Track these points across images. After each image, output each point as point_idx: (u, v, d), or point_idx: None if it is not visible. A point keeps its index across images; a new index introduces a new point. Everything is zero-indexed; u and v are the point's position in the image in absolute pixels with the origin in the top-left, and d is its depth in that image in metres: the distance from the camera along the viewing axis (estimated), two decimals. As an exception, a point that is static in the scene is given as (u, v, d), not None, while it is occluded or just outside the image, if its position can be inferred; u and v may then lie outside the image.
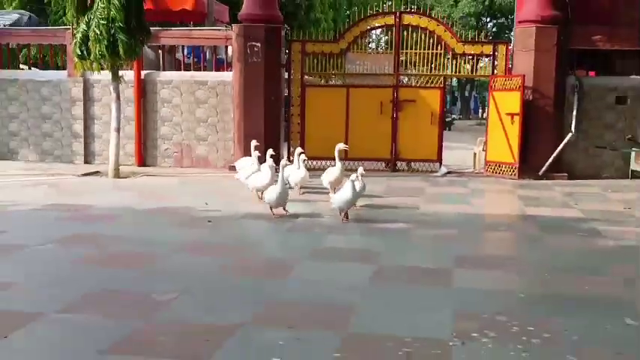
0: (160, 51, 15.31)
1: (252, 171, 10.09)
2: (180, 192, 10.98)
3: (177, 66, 15.32)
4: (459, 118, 44.71)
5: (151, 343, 4.50)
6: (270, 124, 13.56)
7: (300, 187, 10.67)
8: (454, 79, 52.07)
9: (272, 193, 8.56)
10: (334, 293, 5.60)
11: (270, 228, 8.21)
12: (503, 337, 4.62)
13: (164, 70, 14.93)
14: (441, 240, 7.70)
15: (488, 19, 46.21)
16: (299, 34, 15.60)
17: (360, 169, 8.66)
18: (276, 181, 8.72)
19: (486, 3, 42.12)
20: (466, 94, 50.47)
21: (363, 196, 9.07)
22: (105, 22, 11.69)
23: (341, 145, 10.24)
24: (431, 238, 7.83)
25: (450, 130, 31.84)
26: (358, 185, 8.46)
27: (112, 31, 11.74)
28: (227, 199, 10.22)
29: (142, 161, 14.20)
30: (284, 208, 8.72)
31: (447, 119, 33.80)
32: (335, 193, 9.10)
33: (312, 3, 25.31)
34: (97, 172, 12.96)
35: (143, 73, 14.23)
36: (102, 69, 12.33)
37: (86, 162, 14.33)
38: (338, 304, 5.32)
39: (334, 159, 13.90)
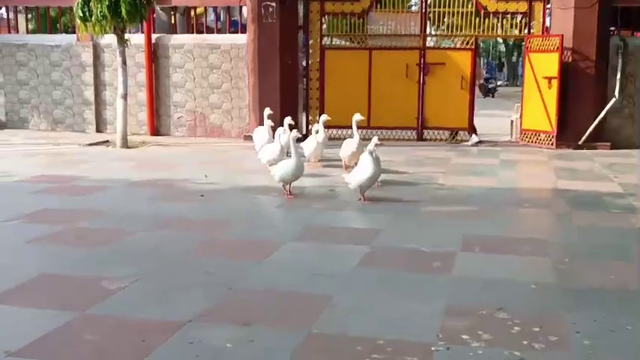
0: (172, 13, 14.52)
1: (265, 142, 9.29)
2: (184, 163, 10.27)
3: (191, 29, 14.51)
4: (506, 84, 42.98)
5: (71, 344, 3.78)
6: (287, 91, 12.73)
7: (318, 160, 9.79)
8: (501, 43, 50.55)
9: (282, 168, 7.49)
10: (311, 281, 4.79)
11: (268, 203, 7.40)
12: (499, 341, 3.76)
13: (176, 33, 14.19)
14: (453, 218, 6.80)
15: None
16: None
17: (375, 139, 7.49)
18: (289, 154, 7.91)
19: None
20: (513, 59, 48.51)
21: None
22: (107, -19, 10.95)
23: (357, 116, 9.29)
24: (443, 216, 6.93)
25: (493, 97, 30.44)
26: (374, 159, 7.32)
27: (115, -9, 11.00)
28: (232, 171, 9.49)
29: (155, 130, 13.55)
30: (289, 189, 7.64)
31: (490, 85, 32.33)
32: (351, 169, 8.19)
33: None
34: (105, 142, 12.36)
35: (154, 36, 13.52)
36: (106, 32, 11.61)
37: (98, 131, 13.75)
38: (311, 295, 4.52)
39: (356, 127, 13.17)
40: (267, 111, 10.05)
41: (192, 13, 14.44)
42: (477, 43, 13.09)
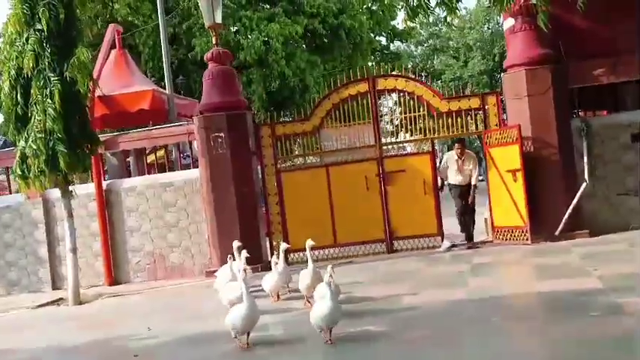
0: (129, 157, 14.22)
1: (227, 279, 8.61)
2: (133, 315, 9.52)
3: (145, 171, 14.15)
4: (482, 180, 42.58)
5: None
6: (246, 220, 12.18)
7: (279, 294, 9.01)
8: (476, 138, 50.87)
9: (231, 315, 6.42)
10: None
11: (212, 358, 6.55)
12: None
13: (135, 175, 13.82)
14: (403, 349, 5.99)
15: (502, 74, 44.99)
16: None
17: (329, 269, 6.55)
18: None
19: (496, 59, 40.94)
20: (492, 152, 48.62)
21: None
22: (42, 136, 10.57)
23: (309, 242, 8.58)
24: (393, 347, 6.12)
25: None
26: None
27: (51, 144, 10.60)
28: (181, 319, 8.72)
29: (113, 280, 12.83)
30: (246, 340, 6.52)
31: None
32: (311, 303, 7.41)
33: (305, 84, 24.34)
34: (58, 300, 11.62)
35: (105, 183, 13.10)
36: (46, 187, 11.19)
37: (55, 288, 13.00)
38: None
39: (323, 248, 12.55)
40: (236, 243, 9.33)
41: (149, 154, 14.14)
42: (434, 145, 12.67)
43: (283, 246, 9.29)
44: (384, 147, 12.72)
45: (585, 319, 6.22)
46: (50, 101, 10.42)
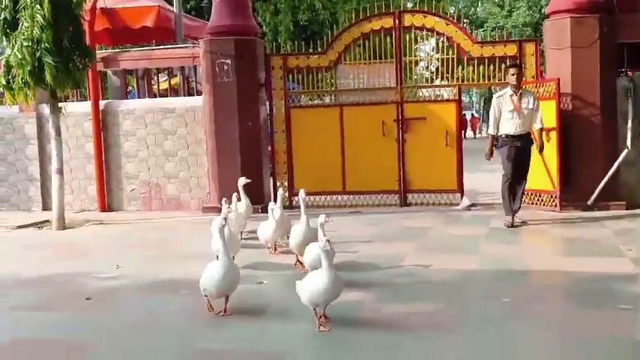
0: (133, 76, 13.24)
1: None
2: (110, 247, 8.70)
3: (152, 94, 13.18)
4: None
5: None
6: (250, 157, 11.21)
7: (275, 246, 7.85)
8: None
9: (206, 276, 5.26)
10: None
11: (167, 314, 5.60)
12: None
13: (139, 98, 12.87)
14: (397, 329, 5.01)
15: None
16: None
17: (322, 218, 5.61)
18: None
19: (543, 11, 38.76)
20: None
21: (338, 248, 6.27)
22: (28, 44, 9.60)
23: (302, 193, 7.22)
24: (385, 327, 5.15)
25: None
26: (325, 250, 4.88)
27: (38, 54, 9.63)
28: (158, 258, 7.86)
29: (106, 206, 12.04)
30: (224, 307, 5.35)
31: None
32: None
33: (336, 18, 22.94)
34: (43, 222, 10.86)
35: (102, 103, 12.17)
36: (32, 100, 10.30)
37: (45, 209, 12.20)
38: None
39: (330, 193, 11.57)
40: (242, 180, 8.51)
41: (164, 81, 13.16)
42: (461, 93, 11.46)
43: (281, 192, 8.32)
44: (406, 90, 11.50)
45: (610, 313, 5.17)
46: (39, 7, 9.41)
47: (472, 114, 50.91)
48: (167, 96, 13.88)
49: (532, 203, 10.71)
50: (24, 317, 5.59)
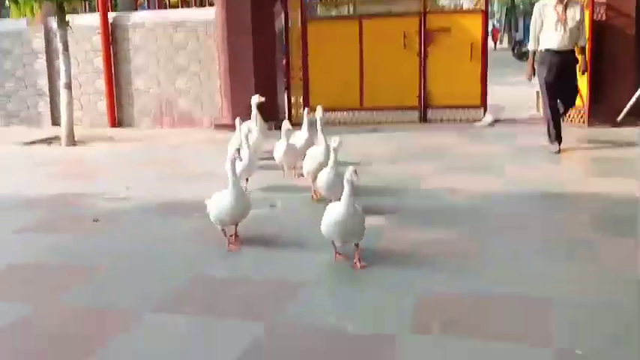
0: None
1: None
2: (120, 166, 8.44)
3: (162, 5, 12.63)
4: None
5: None
6: (264, 71, 10.78)
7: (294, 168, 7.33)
8: None
9: (215, 204, 4.87)
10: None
11: (176, 238, 5.30)
12: None
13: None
14: (414, 257, 4.73)
15: None
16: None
17: (336, 141, 5.14)
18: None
19: None
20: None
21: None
22: (33, -48, 9.09)
23: (319, 111, 6.73)
24: (401, 254, 4.87)
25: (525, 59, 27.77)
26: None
27: (45, -38, 9.13)
28: (169, 178, 7.59)
29: (116, 121, 11.75)
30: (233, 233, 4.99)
31: (524, 48, 29.51)
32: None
33: None
34: (53, 139, 10.61)
35: (111, 15, 11.66)
36: (37, 13, 9.89)
37: (55, 124, 11.94)
38: None
39: (347, 110, 11.16)
40: (256, 99, 7.98)
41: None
42: (488, 3, 10.81)
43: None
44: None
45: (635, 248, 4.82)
46: None
47: (493, 24, 49.34)
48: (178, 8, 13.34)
49: (559, 119, 10.25)
50: (28, 239, 5.38)
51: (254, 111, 7.98)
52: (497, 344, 3.33)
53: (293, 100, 11.18)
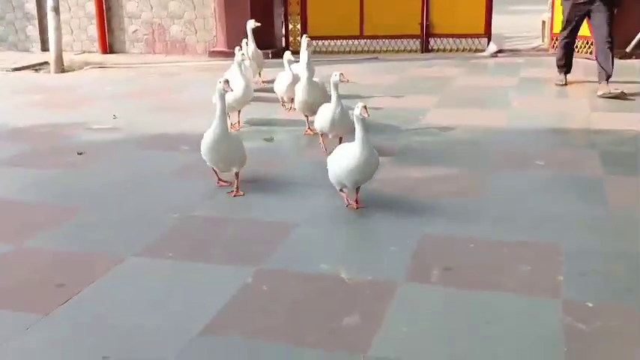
0: None
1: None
2: (107, 94, 8.11)
3: None
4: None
5: None
6: (259, -6, 10.27)
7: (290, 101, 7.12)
8: None
9: (205, 142, 4.44)
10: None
11: (159, 176, 4.98)
12: None
13: None
14: (416, 197, 4.49)
15: None
16: None
17: (336, 76, 4.79)
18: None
19: None
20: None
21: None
22: None
23: (305, 40, 6.36)
24: (401, 193, 4.63)
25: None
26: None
27: None
28: (156, 108, 7.30)
29: (108, 47, 11.31)
30: (236, 173, 4.50)
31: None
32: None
33: None
34: (41, 65, 10.24)
35: None
36: None
37: (44, 49, 11.49)
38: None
39: (346, 38, 10.72)
40: (251, 24, 7.71)
41: None
42: None
43: (304, 41, 7.33)
44: None
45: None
46: None
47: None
48: None
49: (565, 51, 9.86)
50: (6, 174, 5.12)
51: (249, 37, 7.63)
52: (500, 295, 3.13)
53: (291, 27, 10.72)
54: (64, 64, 9.80)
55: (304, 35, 6.53)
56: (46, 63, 10.13)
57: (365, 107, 3.90)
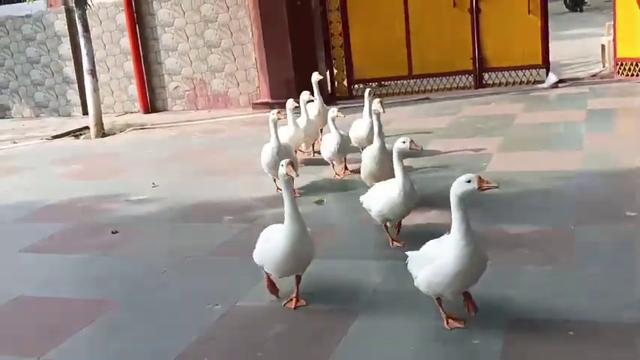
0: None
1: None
2: (147, 159, 7.72)
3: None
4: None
5: None
6: (301, 42, 9.86)
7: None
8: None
9: (280, 248, 3.46)
10: None
11: (200, 258, 4.53)
12: None
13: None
14: (495, 268, 3.84)
15: None
16: None
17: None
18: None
19: None
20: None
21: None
22: None
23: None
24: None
25: (581, 11, 25.98)
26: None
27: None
28: (203, 172, 6.82)
29: (148, 106, 11.03)
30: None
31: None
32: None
33: None
34: (82, 130, 10.00)
35: (134, -10, 10.89)
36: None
37: (85, 113, 11.25)
38: None
39: (394, 79, 10.20)
40: (315, 77, 6.89)
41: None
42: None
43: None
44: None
45: None
46: None
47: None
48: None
49: (631, 74, 9.17)
50: (34, 262, 4.67)
51: (315, 91, 6.83)
52: None
53: (335, 72, 10.26)
54: (105, 128, 9.54)
55: (368, 90, 5.94)
56: (87, 128, 9.89)
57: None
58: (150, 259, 4.45)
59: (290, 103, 6.01)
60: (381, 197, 4.08)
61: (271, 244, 3.44)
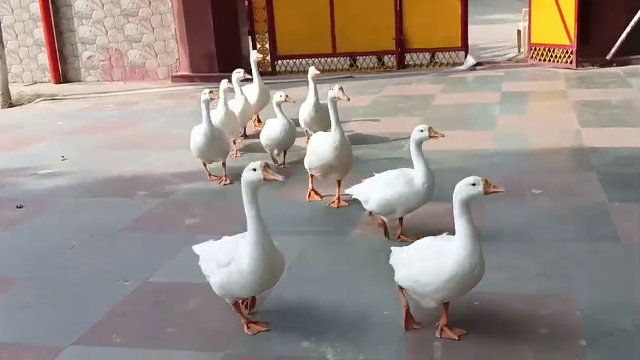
0: None
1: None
2: (57, 131, 7.43)
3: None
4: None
5: None
6: (223, 13, 9.68)
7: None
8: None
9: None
10: None
11: (109, 232, 4.35)
12: None
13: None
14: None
15: None
16: None
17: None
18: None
19: None
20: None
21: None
22: None
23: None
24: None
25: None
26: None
27: None
28: (110, 145, 6.59)
29: (61, 76, 10.60)
30: None
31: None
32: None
33: None
34: (-10, 99, 9.49)
35: (46, -49, 10.40)
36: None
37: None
38: None
39: (318, 56, 10.14)
40: (255, 55, 6.49)
41: None
42: None
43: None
44: None
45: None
46: None
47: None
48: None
49: (543, 59, 9.47)
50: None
51: (254, 71, 6.41)
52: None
53: (259, 46, 10.12)
54: (12, 98, 9.09)
55: (311, 68, 5.69)
56: (-7, 98, 9.40)
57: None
58: (58, 235, 4.27)
59: (224, 83, 5.62)
60: (392, 188, 3.73)
61: (235, 267, 2.81)
